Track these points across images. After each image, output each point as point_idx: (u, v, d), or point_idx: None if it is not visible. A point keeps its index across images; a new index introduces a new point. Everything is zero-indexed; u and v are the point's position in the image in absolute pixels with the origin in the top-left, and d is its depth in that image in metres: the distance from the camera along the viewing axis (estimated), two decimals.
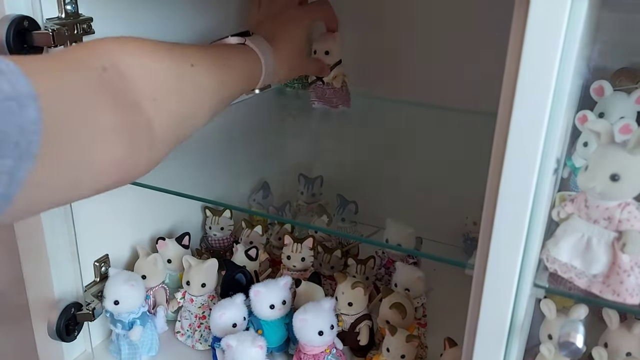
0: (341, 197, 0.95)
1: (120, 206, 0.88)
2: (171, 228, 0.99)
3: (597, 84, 0.69)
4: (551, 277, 0.54)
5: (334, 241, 1.02)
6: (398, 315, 0.78)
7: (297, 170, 1.03)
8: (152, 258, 0.86)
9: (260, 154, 1.04)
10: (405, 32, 1.09)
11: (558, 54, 0.44)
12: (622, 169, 0.49)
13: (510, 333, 0.54)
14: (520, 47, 0.44)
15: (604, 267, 0.51)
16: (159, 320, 0.88)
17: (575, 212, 0.53)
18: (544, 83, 0.44)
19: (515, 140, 0.47)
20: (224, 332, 0.78)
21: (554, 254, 0.54)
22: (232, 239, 1.03)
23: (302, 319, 0.74)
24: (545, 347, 0.60)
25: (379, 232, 0.79)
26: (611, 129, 0.50)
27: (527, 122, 0.46)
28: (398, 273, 0.85)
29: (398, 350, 0.74)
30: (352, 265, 0.92)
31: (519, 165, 0.47)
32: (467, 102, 1.03)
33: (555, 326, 0.60)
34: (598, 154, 0.51)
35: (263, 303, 0.80)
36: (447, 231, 0.95)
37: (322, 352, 0.76)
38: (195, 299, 0.86)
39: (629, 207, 0.50)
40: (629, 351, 0.65)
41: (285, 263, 0.92)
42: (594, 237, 0.52)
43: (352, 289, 0.80)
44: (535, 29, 0.43)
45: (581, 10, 0.44)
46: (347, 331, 0.82)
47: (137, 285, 0.81)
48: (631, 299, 0.50)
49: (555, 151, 0.49)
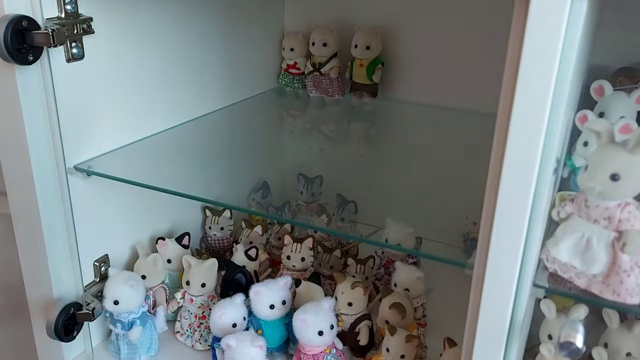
0: (341, 196, 0.95)
1: (120, 206, 0.87)
2: (171, 228, 0.99)
3: (597, 83, 0.69)
4: (551, 277, 0.54)
5: (334, 241, 1.02)
6: (398, 315, 0.78)
7: (297, 170, 1.02)
8: (152, 258, 0.86)
9: (260, 154, 1.05)
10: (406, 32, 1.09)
11: (558, 54, 0.43)
12: (622, 169, 0.48)
13: (510, 333, 0.54)
14: (520, 47, 0.44)
15: (603, 267, 0.51)
16: (158, 320, 0.88)
17: (575, 211, 0.53)
18: (544, 83, 0.44)
19: (515, 140, 0.47)
20: (224, 332, 0.78)
21: (554, 253, 0.54)
22: (232, 239, 1.03)
23: (301, 319, 0.74)
24: (545, 347, 0.60)
25: (379, 232, 0.79)
26: (611, 128, 0.50)
27: (526, 122, 0.46)
28: (398, 273, 0.85)
29: (398, 350, 0.74)
30: (351, 265, 0.92)
31: (519, 165, 0.47)
32: (467, 102, 1.03)
33: (555, 326, 0.60)
34: (598, 154, 0.51)
35: (263, 303, 0.80)
36: (446, 231, 0.95)
37: (321, 352, 0.76)
38: (195, 299, 0.86)
39: (629, 207, 0.50)
40: (629, 351, 0.65)
41: (285, 263, 0.92)
42: (593, 237, 0.52)
43: (351, 289, 0.80)
44: (535, 29, 0.43)
45: (581, 10, 0.44)
46: (346, 331, 0.82)
47: (136, 285, 0.81)
48: (631, 299, 0.50)
49: (555, 151, 0.49)
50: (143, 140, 0.90)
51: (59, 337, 0.79)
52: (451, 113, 1.07)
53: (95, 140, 0.82)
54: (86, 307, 0.82)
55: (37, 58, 0.69)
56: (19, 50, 0.66)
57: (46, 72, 0.71)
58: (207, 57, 1.01)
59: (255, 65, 1.15)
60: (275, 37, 1.19)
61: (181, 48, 0.95)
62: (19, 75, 0.68)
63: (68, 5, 0.72)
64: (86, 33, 0.75)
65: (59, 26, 0.69)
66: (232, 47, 1.06)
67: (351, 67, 1.11)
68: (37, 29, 0.68)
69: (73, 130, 0.77)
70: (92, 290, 0.85)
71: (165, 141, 0.93)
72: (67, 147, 0.76)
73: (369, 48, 1.07)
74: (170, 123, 0.96)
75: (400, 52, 1.11)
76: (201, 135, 1.01)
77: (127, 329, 0.82)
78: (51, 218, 0.76)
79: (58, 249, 0.78)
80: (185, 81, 0.97)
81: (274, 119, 1.19)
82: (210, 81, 1.03)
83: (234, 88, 1.10)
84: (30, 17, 0.67)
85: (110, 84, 0.82)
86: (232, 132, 1.06)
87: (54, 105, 0.73)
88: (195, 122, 1.01)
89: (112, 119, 0.84)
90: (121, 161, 0.84)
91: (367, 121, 1.15)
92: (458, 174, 0.95)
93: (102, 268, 0.86)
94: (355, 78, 1.11)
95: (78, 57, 0.75)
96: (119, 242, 0.89)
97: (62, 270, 0.80)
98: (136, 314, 0.82)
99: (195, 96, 1.00)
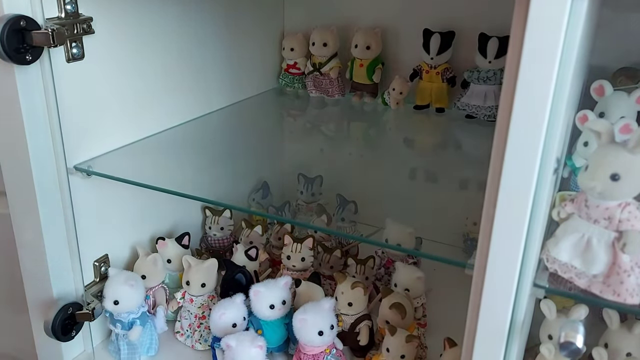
0: (341, 196, 0.94)
1: (120, 206, 0.87)
2: (171, 228, 0.99)
3: (597, 83, 0.69)
4: (551, 277, 0.54)
5: (334, 241, 1.02)
6: (398, 315, 0.78)
7: (297, 170, 1.02)
8: (152, 258, 0.86)
9: (260, 154, 1.05)
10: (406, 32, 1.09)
11: (558, 54, 0.43)
12: (622, 169, 0.48)
13: (510, 333, 0.53)
14: (521, 47, 0.44)
15: (604, 267, 0.51)
16: (158, 321, 0.88)
17: (576, 212, 0.53)
18: (544, 82, 0.44)
19: (515, 140, 0.47)
20: (224, 332, 0.78)
21: (554, 254, 0.54)
22: (232, 239, 1.03)
23: (301, 319, 0.74)
24: (545, 348, 0.60)
25: (379, 232, 0.79)
26: (611, 128, 0.50)
27: (527, 122, 0.46)
28: (398, 273, 0.85)
29: (398, 351, 0.74)
30: (351, 265, 0.92)
31: (519, 164, 0.47)
32: None
33: (556, 326, 0.60)
34: (598, 154, 0.51)
35: (263, 303, 0.80)
36: (447, 231, 0.95)
37: (321, 352, 0.76)
38: (195, 299, 0.86)
39: (629, 207, 0.50)
40: (629, 351, 0.65)
41: (285, 263, 0.92)
42: (594, 237, 0.52)
43: (351, 289, 0.80)
44: (535, 29, 0.43)
45: (581, 10, 0.44)
46: (346, 331, 0.82)
47: (136, 285, 0.81)
48: (631, 299, 0.50)
49: (556, 151, 0.49)
50: (143, 140, 0.90)
51: (56, 337, 0.79)
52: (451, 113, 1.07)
53: (95, 140, 0.82)
54: (86, 307, 0.82)
55: (36, 58, 0.69)
56: (18, 50, 0.66)
57: (46, 72, 0.71)
58: (207, 56, 1.01)
59: (256, 65, 1.15)
60: (275, 37, 1.19)
61: (181, 48, 0.95)
62: (18, 75, 0.68)
63: (68, 5, 0.72)
64: (86, 33, 0.75)
65: (59, 26, 0.69)
66: (232, 47, 1.06)
67: (351, 67, 1.11)
68: (37, 29, 0.68)
69: (73, 130, 0.77)
70: (92, 290, 0.85)
71: (165, 141, 0.93)
72: (67, 146, 0.76)
73: (369, 48, 1.07)
74: (170, 123, 0.96)
75: (400, 52, 1.11)
76: (201, 135, 1.01)
77: (127, 329, 0.82)
78: (51, 218, 0.76)
79: (58, 249, 0.78)
80: (185, 81, 0.97)
81: (274, 119, 1.19)
82: (210, 81, 1.03)
83: (234, 88, 1.10)
84: (29, 17, 0.67)
85: (110, 84, 0.82)
86: (232, 132, 1.06)
87: (55, 105, 0.73)
88: (195, 122, 1.01)
89: (112, 118, 0.84)
90: (121, 161, 0.84)
91: (367, 121, 1.15)
92: (458, 173, 0.95)
93: (102, 268, 0.86)
94: (355, 78, 1.11)
95: (78, 57, 0.75)
96: (119, 242, 0.89)
97: (62, 270, 0.80)
98: (136, 314, 0.82)
99: (195, 96, 1.00)
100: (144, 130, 0.90)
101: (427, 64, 1.04)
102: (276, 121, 1.19)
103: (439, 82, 1.05)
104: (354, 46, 1.08)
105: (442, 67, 1.04)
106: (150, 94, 0.90)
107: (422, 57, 1.05)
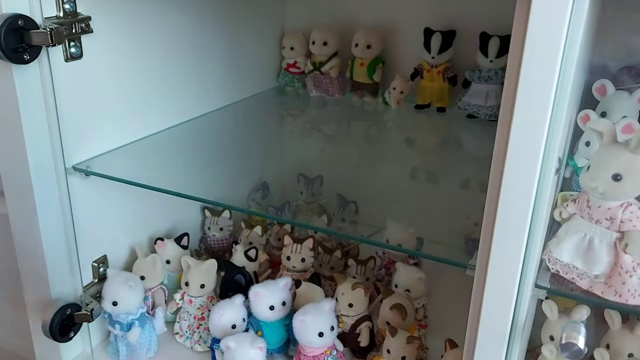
0: (341, 197, 0.94)
1: (119, 206, 0.87)
2: (170, 228, 0.99)
3: (599, 83, 0.69)
4: (553, 278, 0.54)
5: (334, 241, 1.02)
6: (399, 316, 0.77)
7: (297, 170, 1.02)
8: (151, 258, 0.86)
9: (260, 154, 1.04)
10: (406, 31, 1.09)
11: (560, 53, 0.43)
12: (624, 169, 0.48)
13: (512, 334, 0.53)
14: (522, 46, 0.44)
15: (606, 267, 0.51)
16: (157, 322, 0.87)
17: (577, 212, 0.53)
18: (546, 82, 0.44)
19: (516, 140, 0.46)
20: (223, 333, 0.78)
21: (556, 254, 0.53)
22: (232, 240, 1.02)
23: (302, 320, 0.74)
24: (547, 348, 0.60)
25: (380, 233, 0.78)
26: (613, 128, 0.50)
27: (528, 122, 0.45)
28: (398, 274, 0.85)
29: (399, 352, 0.74)
30: (352, 265, 0.91)
31: (521, 165, 0.47)
32: None
33: (557, 327, 0.59)
34: (600, 154, 0.50)
35: (262, 304, 0.79)
36: (448, 232, 0.94)
37: (322, 353, 0.76)
38: (194, 300, 0.86)
39: (631, 207, 0.50)
40: (631, 352, 0.65)
41: (285, 264, 0.91)
42: (596, 238, 0.51)
43: (352, 290, 0.80)
44: (537, 28, 0.43)
45: (583, 9, 0.44)
46: (347, 332, 0.82)
47: (135, 286, 0.81)
48: (633, 300, 0.50)
49: (557, 150, 0.48)
50: (142, 139, 0.89)
51: (53, 338, 0.79)
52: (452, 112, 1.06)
53: (94, 140, 0.81)
54: (85, 308, 0.82)
55: (34, 57, 0.68)
56: (16, 50, 0.66)
57: (45, 72, 0.71)
58: (206, 55, 1.01)
59: (256, 64, 1.15)
60: (275, 36, 1.19)
61: (181, 47, 0.94)
62: (16, 74, 0.68)
63: (66, 4, 0.72)
64: (85, 32, 0.75)
65: (57, 25, 0.69)
66: (232, 46, 1.06)
67: (352, 66, 1.11)
68: (36, 28, 0.67)
69: (72, 130, 0.77)
70: (90, 291, 0.84)
71: (164, 141, 0.93)
72: (65, 146, 0.76)
73: (369, 47, 1.07)
74: (169, 122, 0.95)
75: (401, 51, 1.10)
76: (201, 134, 1.01)
77: (126, 330, 0.82)
78: (49, 218, 0.76)
79: (56, 250, 0.78)
80: (184, 80, 0.97)
81: (274, 118, 1.19)
82: (210, 80, 1.03)
83: (234, 87, 1.10)
84: (27, 16, 0.67)
85: (109, 83, 0.82)
86: (232, 132, 1.05)
87: (53, 104, 0.72)
88: (195, 121, 1.00)
89: (110, 118, 0.83)
90: (120, 161, 0.84)
91: (368, 121, 1.15)
92: (459, 173, 0.95)
93: (101, 269, 0.86)
94: (355, 77, 1.11)
95: (77, 57, 0.75)
96: (118, 242, 0.89)
97: (60, 271, 0.80)
98: (135, 315, 0.82)
99: (195, 95, 1.00)
100: (143, 129, 0.90)
101: (428, 63, 1.04)
102: (276, 121, 1.19)
103: (440, 81, 1.05)
104: (355, 45, 1.08)
105: (443, 67, 1.04)
106: (150, 93, 0.90)
107: (423, 56, 1.04)
